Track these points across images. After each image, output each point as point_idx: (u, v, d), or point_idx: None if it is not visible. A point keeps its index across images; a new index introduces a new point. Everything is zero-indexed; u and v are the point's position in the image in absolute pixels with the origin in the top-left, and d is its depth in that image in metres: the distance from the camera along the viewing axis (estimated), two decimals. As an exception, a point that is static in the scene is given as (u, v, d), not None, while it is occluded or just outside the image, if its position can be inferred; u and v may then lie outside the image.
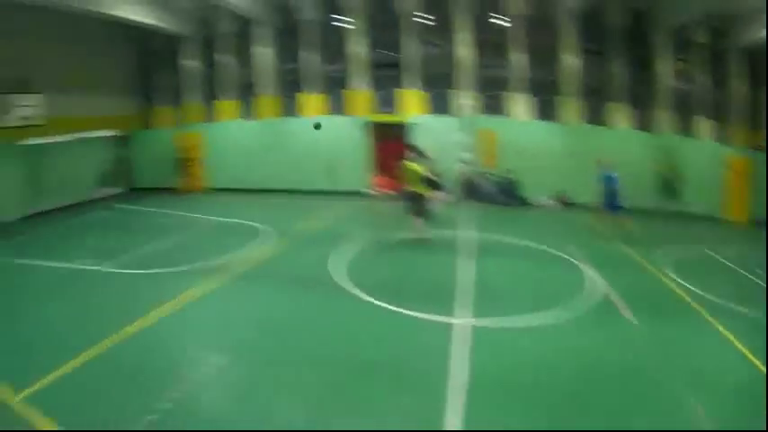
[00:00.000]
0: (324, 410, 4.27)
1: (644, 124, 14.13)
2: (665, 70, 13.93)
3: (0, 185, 12.46)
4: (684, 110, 14.15)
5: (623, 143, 13.39)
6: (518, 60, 14.17)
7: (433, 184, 13.80)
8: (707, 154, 12.74)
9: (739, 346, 5.40)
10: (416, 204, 9.58)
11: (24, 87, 12.32)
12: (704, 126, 14.16)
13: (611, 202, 10.16)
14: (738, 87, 13.67)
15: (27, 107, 12.40)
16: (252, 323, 6.12)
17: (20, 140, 12.78)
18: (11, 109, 12.08)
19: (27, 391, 4.49)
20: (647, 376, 4.80)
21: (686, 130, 14.11)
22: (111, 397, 4.53)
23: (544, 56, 14.34)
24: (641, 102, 14.20)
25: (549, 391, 4.52)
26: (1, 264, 8.71)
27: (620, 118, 14.08)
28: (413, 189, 9.60)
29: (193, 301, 6.86)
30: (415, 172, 9.57)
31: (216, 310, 6.71)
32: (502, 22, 14.51)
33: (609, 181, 10.11)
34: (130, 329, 5.84)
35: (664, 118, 14.26)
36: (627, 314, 6.25)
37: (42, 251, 9.53)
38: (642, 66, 14.23)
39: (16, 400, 4.38)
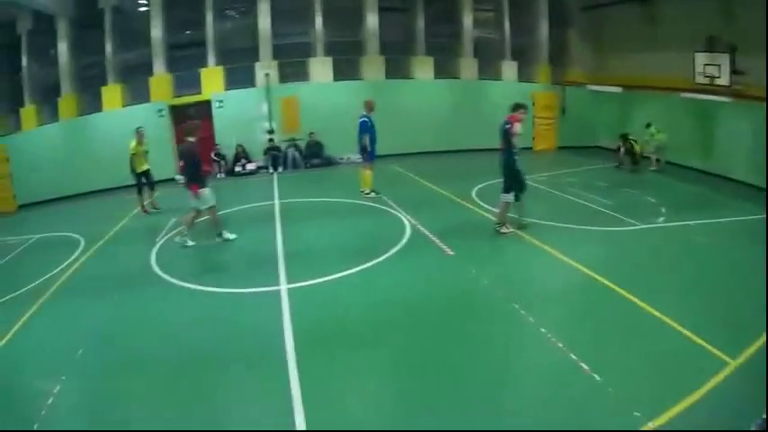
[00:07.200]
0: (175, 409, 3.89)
1: (449, 73, 14.66)
2: (469, 21, 14.40)
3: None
4: (490, 56, 14.90)
5: (425, 92, 14.13)
6: (317, 25, 14.05)
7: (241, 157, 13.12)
8: (512, 92, 12.98)
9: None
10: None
11: None
12: (510, 69, 14.31)
13: (362, 148, 9.59)
14: (542, 30, 14.62)
15: None
16: (79, 337, 5.29)
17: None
18: None
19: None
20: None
21: (493, 74, 14.72)
22: None
23: (345, 18, 14.48)
24: (446, 53, 14.76)
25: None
26: None
27: (424, 70, 14.51)
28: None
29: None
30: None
31: (41, 334, 5.62)
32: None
33: (362, 125, 9.51)
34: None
35: (468, 65, 14.24)
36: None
37: None
38: (447, 19, 14.77)
39: None
